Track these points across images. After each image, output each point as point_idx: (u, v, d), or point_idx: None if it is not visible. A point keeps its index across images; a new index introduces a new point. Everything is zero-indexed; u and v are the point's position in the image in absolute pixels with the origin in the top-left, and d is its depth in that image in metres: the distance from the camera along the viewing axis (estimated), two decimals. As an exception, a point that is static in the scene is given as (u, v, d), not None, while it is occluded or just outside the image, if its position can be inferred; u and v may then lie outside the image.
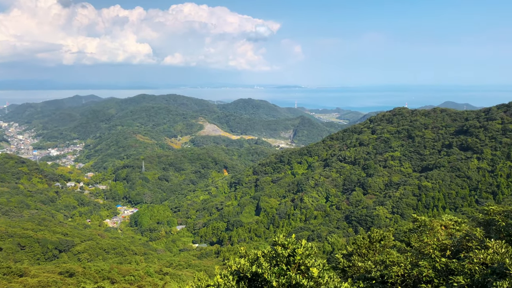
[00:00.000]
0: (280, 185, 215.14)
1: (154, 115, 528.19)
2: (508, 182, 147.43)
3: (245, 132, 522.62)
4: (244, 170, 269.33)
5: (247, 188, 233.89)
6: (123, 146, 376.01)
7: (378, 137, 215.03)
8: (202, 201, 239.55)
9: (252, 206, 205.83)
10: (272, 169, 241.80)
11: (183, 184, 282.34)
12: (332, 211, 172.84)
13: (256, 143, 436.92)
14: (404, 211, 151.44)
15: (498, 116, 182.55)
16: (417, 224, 33.97)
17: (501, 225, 22.36)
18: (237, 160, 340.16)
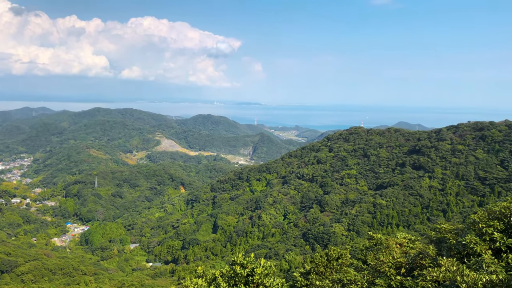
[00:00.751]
0: (239, 203, 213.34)
1: (109, 129, 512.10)
2: (457, 200, 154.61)
3: (203, 148, 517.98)
4: (202, 187, 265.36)
5: (204, 205, 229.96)
6: (75, 161, 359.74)
7: (335, 155, 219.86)
8: (157, 219, 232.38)
9: (209, 224, 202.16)
10: (231, 186, 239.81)
11: (138, 201, 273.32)
12: (290, 229, 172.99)
13: (214, 160, 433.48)
14: (360, 228, 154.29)
15: (448, 137, 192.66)
16: (373, 242, 34.02)
17: (452, 243, 22.59)
18: (195, 176, 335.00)
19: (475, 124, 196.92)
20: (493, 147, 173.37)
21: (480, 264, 17.57)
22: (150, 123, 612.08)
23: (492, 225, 20.64)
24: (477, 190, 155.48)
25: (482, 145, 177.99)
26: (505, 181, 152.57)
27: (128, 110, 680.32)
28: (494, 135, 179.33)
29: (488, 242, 20.10)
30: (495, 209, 22.13)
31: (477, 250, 19.39)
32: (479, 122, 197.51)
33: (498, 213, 21.61)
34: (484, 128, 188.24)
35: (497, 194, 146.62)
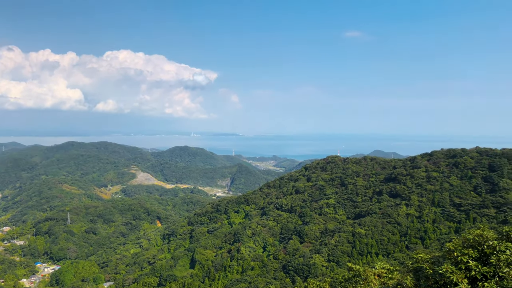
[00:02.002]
0: (217, 236, 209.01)
1: (83, 163, 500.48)
2: (434, 227, 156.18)
3: (180, 181, 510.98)
4: (179, 221, 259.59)
5: (181, 239, 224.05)
6: (46, 197, 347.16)
7: (313, 185, 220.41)
8: (132, 255, 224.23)
9: (187, 258, 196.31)
10: (208, 219, 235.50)
11: (113, 237, 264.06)
12: (270, 261, 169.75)
13: (192, 192, 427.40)
14: (340, 258, 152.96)
15: (422, 164, 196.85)
16: (352, 273, 33.52)
17: (429, 272, 22.41)
18: (172, 210, 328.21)
19: (448, 152, 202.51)
20: (466, 174, 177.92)
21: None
22: (125, 156, 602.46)
23: (467, 253, 20.61)
24: (453, 217, 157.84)
25: (455, 172, 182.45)
26: (479, 207, 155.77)
27: (102, 143, 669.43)
28: (467, 162, 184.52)
29: (463, 270, 19.99)
30: (469, 237, 22.19)
31: (454, 279, 19.24)
32: (452, 150, 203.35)
33: (472, 241, 21.65)
34: (457, 155, 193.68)
35: (472, 220, 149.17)
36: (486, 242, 20.96)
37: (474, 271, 19.34)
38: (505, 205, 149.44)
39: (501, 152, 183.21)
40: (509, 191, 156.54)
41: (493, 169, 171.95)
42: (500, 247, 19.92)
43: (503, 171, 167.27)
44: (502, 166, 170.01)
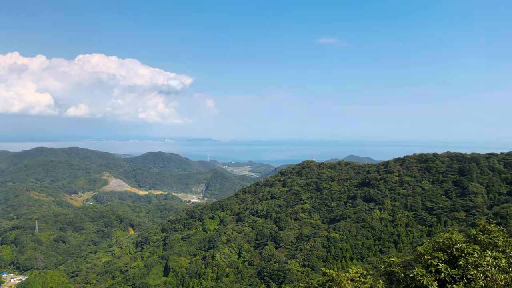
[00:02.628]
0: (191, 243, 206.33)
1: (53, 169, 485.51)
2: (407, 231, 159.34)
3: (154, 187, 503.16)
4: (152, 228, 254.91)
5: (155, 247, 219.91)
6: (13, 204, 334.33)
7: (288, 190, 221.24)
8: (104, 264, 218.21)
9: (160, 266, 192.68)
10: (183, 226, 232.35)
11: (83, 245, 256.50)
12: (245, 268, 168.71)
13: (165, 199, 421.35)
14: (315, 263, 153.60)
15: (395, 169, 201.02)
16: (325, 278, 33.47)
17: (400, 276, 22.63)
18: (145, 217, 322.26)
19: (420, 156, 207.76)
20: (438, 178, 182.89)
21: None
22: (97, 162, 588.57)
23: (436, 257, 20.87)
24: (425, 220, 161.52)
25: (427, 176, 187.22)
26: (450, 210, 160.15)
27: (73, 149, 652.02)
28: (438, 166, 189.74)
29: (433, 273, 20.22)
30: (438, 240, 22.51)
31: (424, 282, 19.41)
32: (424, 154, 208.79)
33: (442, 244, 21.97)
34: (429, 160, 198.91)
35: (443, 224, 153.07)
36: (455, 245, 21.31)
37: (443, 273, 19.59)
38: (474, 208, 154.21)
39: (471, 156, 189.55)
40: (478, 195, 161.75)
41: (463, 174, 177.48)
42: (468, 250, 20.25)
43: (472, 175, 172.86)
44: (472, 170, 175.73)
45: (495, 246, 21.80)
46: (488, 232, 23.12)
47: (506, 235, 23.32)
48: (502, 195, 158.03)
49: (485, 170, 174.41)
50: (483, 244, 22.15)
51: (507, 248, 21.72)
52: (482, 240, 22.33)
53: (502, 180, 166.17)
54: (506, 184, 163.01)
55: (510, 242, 22.54)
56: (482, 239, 22.34)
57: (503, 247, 21.77)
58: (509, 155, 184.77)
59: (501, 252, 21.13)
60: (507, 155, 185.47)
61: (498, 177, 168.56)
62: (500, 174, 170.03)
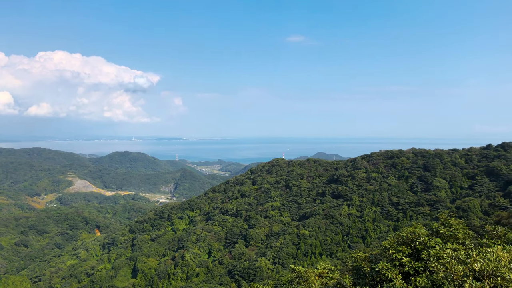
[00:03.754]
0: (160, 243, 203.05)
1: (13, 171, 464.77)
2: (374, 226, 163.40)
3: (121, 188, 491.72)
4: (120, 229, 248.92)
5: (122, 248, 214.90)
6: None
7: (258, 188, 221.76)
8: (69, 267, 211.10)
9: (128, 268, 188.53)
10: (151, 226, 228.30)
11: (47, 249, 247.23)
12: (215, 267, 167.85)
13: (133, 199, 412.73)
14: (285, 260, 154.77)
15: (362, 166, 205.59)
16: (294, 275, 33.68)
17: (366, 270, 23.02)
18: (112, 218, 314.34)
19: (386, 153, 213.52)
20: (403, 174, 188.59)
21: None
22: (61, 163, 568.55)
23: (400, 250, 21.34)
24: (391, 215, 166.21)
25: (393, 172, 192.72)
26: (415, 205, 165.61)
27: (35, 149, 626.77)
28: (403, 162, 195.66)
29: (398, 267, 20.65)
30: (402, 235, 23.03)
31: (389, 276, 19.78)
32: (390, 151, 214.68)
33: (406, 238, 22.49)
34: (394, 156, 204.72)
35: (409, 218, 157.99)
36: (418, 239, 21.85)
37: (407, 266, 20.03)
38: (438, 203, 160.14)
39: (434, 152, 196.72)
40: (441, 189, 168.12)
41: (427, 169, 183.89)
42: (430, 243, 20.80)
43: (436, 171, 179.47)
44: (435, 166, 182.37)
45: (455, 239, 22.55)
46: (449, 226, 23.90)
47: (466, 228, 24.18)
48: (464, 189, 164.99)
49: (448, 166, 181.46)
50: (444, 237, 22.86)
51: (466, 240, 22.53)
52: (444, 233, 23.05)
53: (464, 174, 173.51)
54: (468, 179, 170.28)
55: (469, 234, 23.40)
56: (444, 232, 23.06)
57: (463, 239, 22.56)
58: (470, 150, 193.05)
59: (461, 244, 21.87)
60: (468, 150, 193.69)
61: (460, 172, 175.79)
62: (462, 169, 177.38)
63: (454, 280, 11.17)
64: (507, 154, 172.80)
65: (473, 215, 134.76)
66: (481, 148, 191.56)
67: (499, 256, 11.45)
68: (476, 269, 10.41)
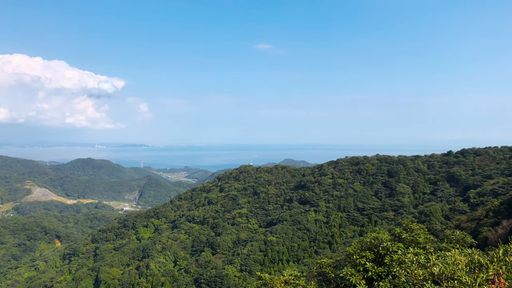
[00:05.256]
0: (124, 252, 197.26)
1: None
2: (340, 232, 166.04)
3: (83, 196, 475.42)
4: (82, 239, 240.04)
5: (84, 259, 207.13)
6: None
7: (226, 195, 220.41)
8: (26, 280, 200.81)
9: (91, 279, 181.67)
10: (115, 235, 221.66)
11: (2, 261, 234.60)
12: (181, 276, 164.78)
13: (96, 207, 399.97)
14: (252, 267, 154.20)
15: (329, 172, 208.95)
16: (260, 282, 33.42)
17: (331, 276, 23.13)
18: (73, 227, 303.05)
19: (351, 159, 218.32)
20: (368, 180, 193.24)
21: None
22: (19, 171, 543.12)
23: (364, 256, 21.58)
24: (357, 221, 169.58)
25: (359, 178, 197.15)
26: (379, 210, 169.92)
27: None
28: (368, 168, 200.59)
29: (361, 272, 20.86)
30: (366, 240, 23.33)
31: (353, 281, 19.94)
32: (355, 157, 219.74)
33: (369, 244, 22.79)
34: (360, 162, 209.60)
35: (374, 223, 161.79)
36: (381, 244, 22.18)
37: (370, 272, 20.26)
38: (402, 208, 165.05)
39: (398, 159, 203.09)
40: (404, 195, 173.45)
41: (391, 175, 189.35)
42: (393, 248, 21.16)
43: (400, 177, 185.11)
44: (399, 172, 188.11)
45: (416, 243, 23.07)
46: (411, 231, 24.43)
47: (427, 233, 24.83)
48: (426, 194, 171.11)
49: (411, 172, 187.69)
50: (406, 242, 23.34)
51: (427, 245, 23.11)
52: (406, 238, 23.54)
53: (426, 180, 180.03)
54: (430, 184, 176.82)
55: (430, 239, 24.03)
56: (406, 237, 23.55)
57: (424, 243, 23.13)
58: (432, 157, 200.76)
59: (422, 248, 22.41)
60: (430, 157, 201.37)
61: (422, 177, 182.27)
62: (424, 175, 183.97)
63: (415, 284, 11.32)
64: (466, 160, 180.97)
65: (434, 219, 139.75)
66: (442, 155, 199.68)
67: (457, 260, 11.72)
68: (435, 273, 10.60)
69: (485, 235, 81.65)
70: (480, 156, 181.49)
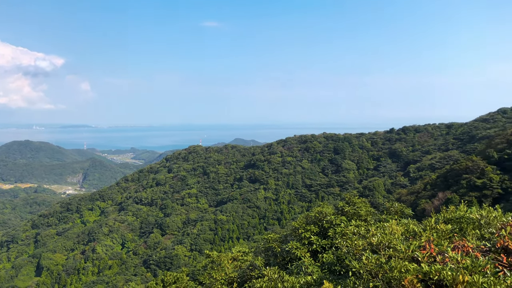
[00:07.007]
0: (68, 237, 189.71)
1: None
2: (289, 208, 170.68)
3: (21, 180, 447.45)
4: (20, 225, 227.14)
5: (24, 245, 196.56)
6: None
7: (175, 176, 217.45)
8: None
9: (32, 266, 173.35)
10: (58, 220, 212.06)
11: None
12: (129, 258, 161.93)
13: (36, 192, 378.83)
14: (202, 247, 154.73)
15: (278, 150, 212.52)
16: (208, 260, 33.54)
17: (277, 250, 23.59)
18: (10, 213, 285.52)
19: (300, 138, 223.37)
20: (316, 157, 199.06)
21: (300, 267, 18.40)
22: None
23: (309, 230, 22.17)
24: (305, 197, 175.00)
25: (307, 156, 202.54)
26: (326, 186, 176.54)
27: None
28: (316, 146, 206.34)
29: (307, 245, 21.44)
30: (311, 214, 23.96)
31: (298, 255, 20.44)
32: (303, 136, 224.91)
33: (314, 218, 23.43)
34: (308, 140, 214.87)
35: (321, 199, 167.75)
36: (325, 217, 22.87)
37: (315, 245, 20.87)
38: (347, 183, 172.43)
39: (344, 136, 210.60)
40: (350, 171, 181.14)
41: (337, 152, 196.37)
42: (336, 221, 21.89)
43: (345, 154, 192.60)
44: (345, 149, 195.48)
45: (358, 216, 24.06)
46: (353, 204, 25.40)
47: (368, 205, 25.97)
48: (370, 170, 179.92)
49: (356, 149, 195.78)
50: (349, 214, 24.27)
51: (368, 217, 24.20)
52: (348, 211, 24.46)
53: (370, 156, 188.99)
54: (373, 160, 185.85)
55: (371, 211, 25.17)
56: (348, 211, 24.47)
57: (365, 216, 24.19)
58: (375, 134, 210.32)
59: (364, 220, 23.43)
60: (374, 134, 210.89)
61: (366, 154, 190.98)
62: (368, 151, 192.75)
63: (355, 254, 11.71)
64: (407, 137, 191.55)
65: (377, 193, 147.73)
66: (385, 132, 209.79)
67: (394, 230, 12.23)
68: (374, 243, 11.00)
69: (423, 206, 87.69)
70: (419, 133, 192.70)
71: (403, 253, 9.80)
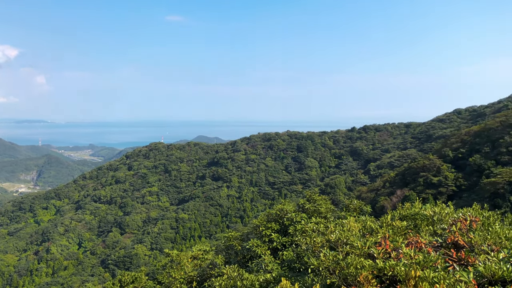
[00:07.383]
0: (20, 237, 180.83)
1: None
2: (252, 206, 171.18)
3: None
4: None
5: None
6: None
7: (135, 173, 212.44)
8: None
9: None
10: (9, 219, 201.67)
11: None
12: (86, 258, 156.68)
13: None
14: (163, 245, 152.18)
15: (242, 148, 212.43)
16: (168, 259, 32.93)
17: (238, 248, 23.48)
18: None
19: (264, 135, 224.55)
20: (279, 155, 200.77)
21: (260, 265, 18.38)
22: None
23: (270, 227, 22.18)
24: (268, 194, 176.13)
25: (270, 154, 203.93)
26: (289, 183, 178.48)
27: None
28: (279, 144, 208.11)
29: (267, 243, 21.43)
30: (272, 212, 23.98)
31: (258, 252, 20.40)
32: (267, 133, 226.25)
33: (275, 215, 23.46)
34: (271, 138, 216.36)
35: (283, 196, 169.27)
36: (286, 215, 22.96)
37: (275, 242, 20.91)
38: (309, 181, 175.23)
39: (307, 135, 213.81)
40: (312, 169, 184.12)
41: (300, 150, 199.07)
42: (296, 218, 22.02)
43: (308, 151, 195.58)
44: (307, 147, 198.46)
45: (318, 213, 24.35)
46: (313, 201, 25.69)
47: (328, 203, 26.36)
48: (332, 167, 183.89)
49: (318, 147, 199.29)
50: (309, 212, 24.51)
51: (328, 214, 24.55)
52: (309, 208, 24.71)
53: (332, 154, 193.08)
54: (335, 158, 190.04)
55: (331, 208, 25.56)
56: (309, 208, 24.72)
57: (325, 213, 24.53)
58: (337, 133, 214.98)
59: (324, 217, 23.74)
60: (336, 133, 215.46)
61: (328, 152, 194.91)
62: (330, 149, 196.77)
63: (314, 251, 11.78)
64: (367, 136, 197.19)
65: (339, 191, 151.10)
66: (347, 131, 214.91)
67: (352, 227, 12.40)
68: (332, 240, 11.09)
69: (382, 203, 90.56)
70: (380, 132, 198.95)
71: (360, 249, 9.95)
